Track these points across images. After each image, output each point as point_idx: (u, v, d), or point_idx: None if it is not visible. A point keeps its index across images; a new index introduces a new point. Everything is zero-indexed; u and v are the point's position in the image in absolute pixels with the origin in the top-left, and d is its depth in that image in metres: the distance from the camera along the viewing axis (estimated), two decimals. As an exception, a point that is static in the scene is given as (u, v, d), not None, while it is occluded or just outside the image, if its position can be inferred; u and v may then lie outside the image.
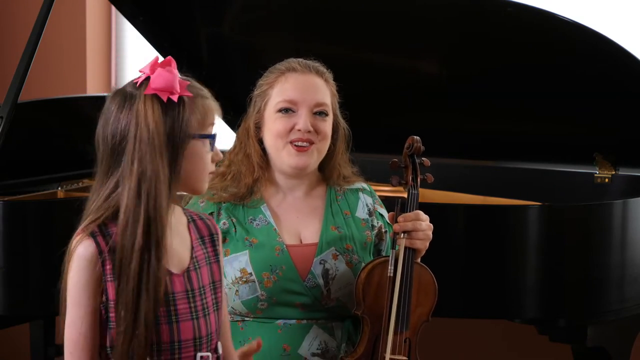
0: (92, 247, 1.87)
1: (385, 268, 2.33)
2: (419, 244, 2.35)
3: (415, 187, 2.39)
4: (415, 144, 2.39)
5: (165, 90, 1.89)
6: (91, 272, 1.87)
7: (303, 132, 2.38)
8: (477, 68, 3.31)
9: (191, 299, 1.94)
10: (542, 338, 3.05)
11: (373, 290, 2.34)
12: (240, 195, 2.43)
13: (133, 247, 1.85)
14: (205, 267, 1.99)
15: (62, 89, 4.34)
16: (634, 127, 3.21)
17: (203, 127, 1.93)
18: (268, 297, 2.35)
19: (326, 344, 2.38)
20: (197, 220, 2.03)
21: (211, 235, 2.03)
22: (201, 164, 1.94)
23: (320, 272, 2.38)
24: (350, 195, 2.51)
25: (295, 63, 2.44)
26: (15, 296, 2.92)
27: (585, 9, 3.79)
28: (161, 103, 1.88)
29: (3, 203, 2.93)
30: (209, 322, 1.96)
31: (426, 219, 2.38)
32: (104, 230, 1.88)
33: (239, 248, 2.38)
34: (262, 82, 2.47)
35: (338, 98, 2.48)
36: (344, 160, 2.51)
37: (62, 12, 4.06)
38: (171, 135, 1.88)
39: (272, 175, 2.46)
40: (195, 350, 1.94)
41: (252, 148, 2.44)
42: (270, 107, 2.42)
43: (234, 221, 2.40)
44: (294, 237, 2.43)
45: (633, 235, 2.97)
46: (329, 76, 2.47)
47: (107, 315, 1.88)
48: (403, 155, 2.42)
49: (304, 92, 2.41)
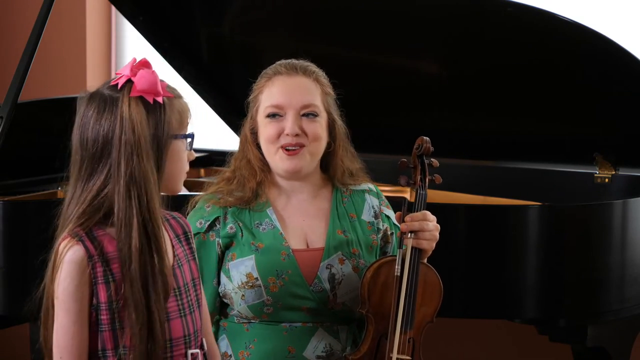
0: (81, 252, 1.87)
1: (392, 267, 2.33)
2: (425, 244, 2.35)
3: (423, 187, 2.39)
4: (425, 145, 2.39)
5: (150, 92, 1.90)
6: (81, 277, 1.87)
7: (291, 135, 2.36)
8: (477, 68, 3.31)
9: (178, 296, 1.96)
10: (542, 338, 3.05)
11: (379, 290, 2.33)
12: (245, 199, 2.42)
13: (130, 250, 1.86)
14: (186, 264, 2.02)
15: (62, 89, 4.34)
16: (634, 127, 3.21)
17: (182, 127, 1.95)
18: (274, 301, 2.35)
19: (331, 347, 2.38)
20: (170, 220, 2.05)
21: (185, 234, 2.05)
22: (180, 164, 1.96)
23: (326, 276, 2.38)
24: (356, 197, 2.50)
25: (281, 66, 2.43)
26: (15, 296, 2.92)
27: (585, 9, 3.79)
28: (145, 105, 1.89)
29: (3, 203, 2.93)
30: (194, 319, 1.99)
31: (433, 220, 2.38)
32: (90, 235, 1.89)
33: (245, 252, 2.38)
34: (254, 86, 2.47)
35: (334, 96, 2.46)
36: (348, 156, 2.49)
37: (62, 12, 4.06)
38: (156, 136, 1.90)
39: (274, 178, 2.46)
40: (186, 347, 1.96)
41: (251, 153, 2.44)
42: (261, 113, 2.42)
43: (241, 225, 2.40)
44: (300, 240, 2.42)
45: (633, 235, 2.97)
46: (319, 75, 2.44)
47: (98, 319, 1.88)
48: (412, 156, 2.41)
49: (290, 95, 2.39)
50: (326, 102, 2.43)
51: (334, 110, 2.46)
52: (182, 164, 1.96)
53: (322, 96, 2.43)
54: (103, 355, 1.89)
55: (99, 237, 1.89)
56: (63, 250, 1.88)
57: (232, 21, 3.64)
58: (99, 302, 1.88)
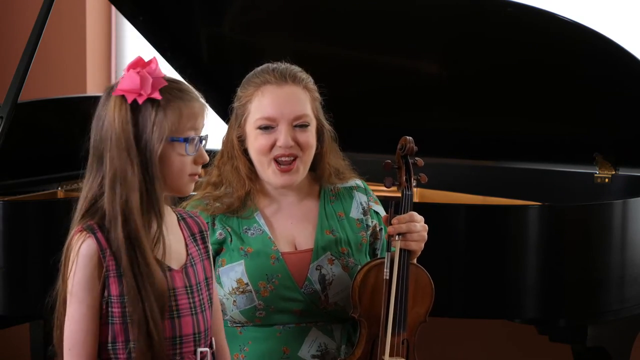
0: (94, 245, 1.89)
1: (381, 271, 2.31)
2: (413, 245, 2.32)
3: (409, 187, 2.36)
4: (408, 145, 2.36)
5: (130, 91, 1.90)
6: (93, 269, 1.90)
7: (284, 148, 2.34)
8: (477, 68, 3.31)
9: (190, 294, 1.97)
10: (542, 338, 3.05)
11: (369, 293, 2.32)
12: (234, 208, 2.40)
13: (118, 245, 1.89)
14: (199, 263, 2.03)
15: (62, 89, 4.34)
16: (634, 127, 3.21)
17: (178, 131, 1.92)
18: (266, 306, 2.34)
19: (326, 346, 2.37)
20: (187, 219, 2.06)
21: (201, 232, 2.06)
22: (174, 168, 1.93)
23: (316, 278, 2.36)
24: (344, 194, 2.48)
25: (270, 75, 2.37)
26: (15, 296, 2.92)
27: (585, 9, 3.79)
28: (131, 104, 1.90)
29: (3, 203, 2.93)
30: (205, 317, 2.00)
31: (421, 220, 2.35)
32: (102, 228, 1.91)
33: (234, 258, 2.37)
34: (241, 93, 2.41)
35: (320, 99, 2.43)
36: (335, 157, 2.47)
37: (62, 12, 4.06)
38: (140, 137, 1.89)
39: (262, 186, 2.43)
40: (195, 345, 1.97)
41: (239, 161, 2.40)
42: (250, 123, 2.38)
43: (229, 230, 2.38)
44: (289, 244, 2.41)
45: (633, 235, 2.97)
46: (307, 81, 2.40)
47: (109, 311, 1.90)
48: (396, 156, 2.39)
49: (282, 107, 2.35)
50: (315, 109, 2.40)
51: (322, 114, 2.43)
52: (177, 167, 1.94)
53: (311, 103, 2.39)
54: (113, 348, 1.91)
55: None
56: (76, 243, 1.90)
57: (232, 21, 3.64)
58: (110, 294, 1.90)
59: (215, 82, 3.80)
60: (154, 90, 1.90)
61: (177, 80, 1.97)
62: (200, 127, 1.96)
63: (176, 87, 1.94)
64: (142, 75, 1.90)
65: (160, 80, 1.91)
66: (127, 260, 1.88)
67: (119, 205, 1.88)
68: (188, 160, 1.94)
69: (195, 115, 1.94)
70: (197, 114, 1.94)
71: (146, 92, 1.89)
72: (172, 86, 1.93)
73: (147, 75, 1.90)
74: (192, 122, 1.94)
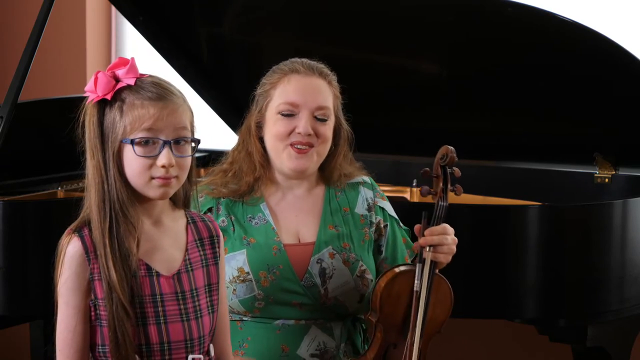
0: (78, 246, 1.90)
1: (407, 279, 2.30)
2: (442, 258, 2.32)
3: (444, 198, 2.34)
4: (450, 155, 2.32)
5: (89, 92, 1.92)
6: (79, 271, 1.90)
7: (303, 135, 2.37)
8: (477, 68, 3.31)
9: (181, 300, 1.95)
10: (542, 338, 3.05)
11: (393, 300, 2.31)
12: (240, 192, 2.42)
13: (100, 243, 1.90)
14: (201, 269, 2.00)
15: (62, 89, 4.34)
16: (634, 127, 3.21)
17: (132, 132, 1.90)
18: (265, 296, 2.35)
19: (325, 345, 2.37)
20: (199, 222, 2.04)
21: (211, 237, 2.03)
22: (131, 169, 1.92)
23: (317, 271, 2.38)
24: (350, 190, 2.50)
25: (299, 64, 2.42)
26: (15, 296, 2.92)
27: (585, 9, 3.79)
28: (98, 104, 1.91)
29: (3, 203, 2.93)
30: (201, 324, 1.97)
31: (452, 232, 2.35)
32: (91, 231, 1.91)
33: (236, 247, 2.38)
34: (265, 80, 2.45)
35: (341, 99, 2.47)
36: (346, 161, 2.50)
37: (62, 12, 4.06)
38: (102, 136, 1.91)
39: (272, 174, 2.46)
40: (186, 352, 1.95)
41: (254, 146, 2.44)
42: (272, 108, 2.41)
43: (233, 219, 2.40)
44: (293, 236, 2.43)
45: (633, 235, 2.97)
46: (332, 78, 2.45)
47: (97, 313, 1.89)
48: (435, 165, 2.36)
49: (306, 95, 2.39)
50: (336, 106, 2.45)
51: (341, 114, 2.46)
52: (134, 169, 1.91)
53: (333, 99, 2.44)
54: (102, 350, 1.91)
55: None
56: (64, 243, 1.91)
57: (232, 21, 3.64)
58: (96, 297, 1.90)
59: (215, 82, 3.81)
60: (108, 91, 1.89)
61: (155, 82, 1.92)
62: (165, 130, 1.89)
63: (145, 88, 1.91)
64: (100, 77, 1.91)
65: (127, 81, 1.90)
66: (103, 256, 1.89)
67: (95, 205, 1.91)
68: (146, 163, 1.90)
69: (154, 117, 1.89)
70: (156, 116, 1.89)
71: (99, 92, 1.90)
72: (143, 87, 1.91)
73: (105, 77, 1.90)
74: (147, 123, 1.89)
